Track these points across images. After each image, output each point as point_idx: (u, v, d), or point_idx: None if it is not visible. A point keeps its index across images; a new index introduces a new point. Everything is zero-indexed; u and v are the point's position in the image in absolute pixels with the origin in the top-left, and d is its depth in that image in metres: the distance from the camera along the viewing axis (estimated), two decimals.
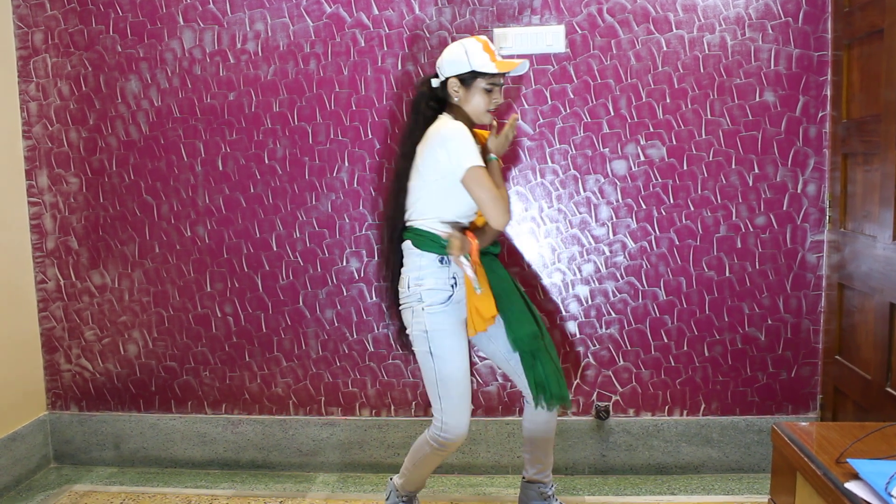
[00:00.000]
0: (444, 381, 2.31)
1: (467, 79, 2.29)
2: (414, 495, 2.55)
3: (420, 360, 2.35)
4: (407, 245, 2.35)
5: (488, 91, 2.29)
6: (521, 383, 2.45)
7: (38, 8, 3.04)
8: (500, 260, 2.59)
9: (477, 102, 2.30)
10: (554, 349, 2.43)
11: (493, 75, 2.28)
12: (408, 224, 2.37)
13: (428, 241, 2.29)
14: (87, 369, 3.21)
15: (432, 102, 2.37)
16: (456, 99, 2.32)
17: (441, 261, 2.29)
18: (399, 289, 2.39)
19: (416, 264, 2.32)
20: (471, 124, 2.34)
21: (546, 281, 2.96)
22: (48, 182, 3.12)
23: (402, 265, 2.39)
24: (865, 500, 1.46)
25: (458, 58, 2.28)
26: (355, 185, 2.98)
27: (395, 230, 2.41)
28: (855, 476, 1.56)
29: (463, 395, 2.33)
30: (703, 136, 2.85)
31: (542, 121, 2.89)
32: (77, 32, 3.04)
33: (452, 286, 2.31)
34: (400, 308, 2.41)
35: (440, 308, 2.30)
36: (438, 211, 2.31)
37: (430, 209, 2.31)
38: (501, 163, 2.45)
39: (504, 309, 2.37)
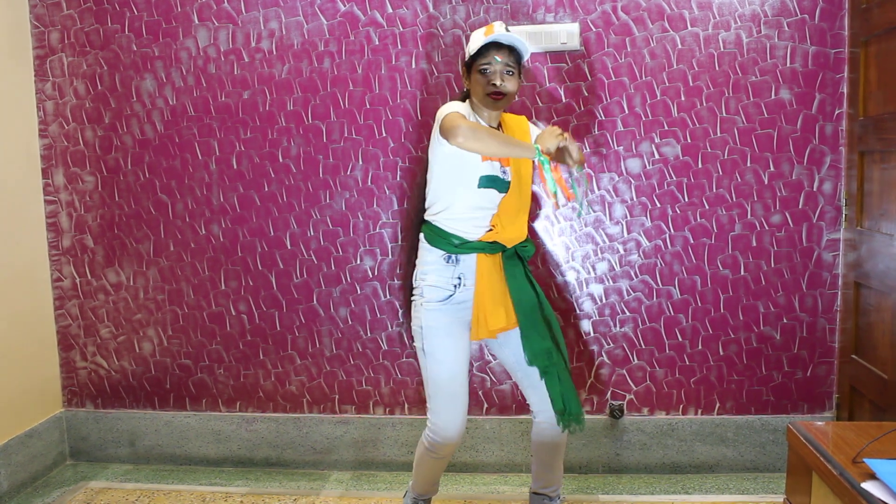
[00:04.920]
0: (434, 381, 2.26)
1: (468, 66, 2.27)
2: (425, 499, 2.48)
3: (417, 355, 2.33)
4: (420, 238, 2.34)
5: (482, 72, 2.20)
6: (532, 396, 2.35)
7: (54, 7, 3.06)
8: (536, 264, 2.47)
9: (475, 88, 2.23)
10: (568, 368, 2.33)
11: (482, 52, 2.20)
12: (425, 218, 2.35)
13: (437, 237, 2.27)
14: (103, 367, 3.23)
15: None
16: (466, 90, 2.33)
17: (447, 259, 2.26)
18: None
19: (424, 259, 2.31)
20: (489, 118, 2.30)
21: (560, 279, 2.95)
22: (64, 180, 3.15)
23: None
24: (882, 501, 1.45)
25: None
26: (369, 184, 2.98)
27: (413, 224, 2.39)
28: (871, 476, 1.56)
29: (452, 396, 2.25)
30: (718, 134, 2.84)
31: (556, 118, 2.88)
32: (93, 31, 3.06)
33: (455, 286, 2.27)
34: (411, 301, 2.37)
35: (437, 306, 2.26)
36: (448, 202, 2.26)
37: (441, 202, 2.28)
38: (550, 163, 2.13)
39: (522, 321, 2.27)
